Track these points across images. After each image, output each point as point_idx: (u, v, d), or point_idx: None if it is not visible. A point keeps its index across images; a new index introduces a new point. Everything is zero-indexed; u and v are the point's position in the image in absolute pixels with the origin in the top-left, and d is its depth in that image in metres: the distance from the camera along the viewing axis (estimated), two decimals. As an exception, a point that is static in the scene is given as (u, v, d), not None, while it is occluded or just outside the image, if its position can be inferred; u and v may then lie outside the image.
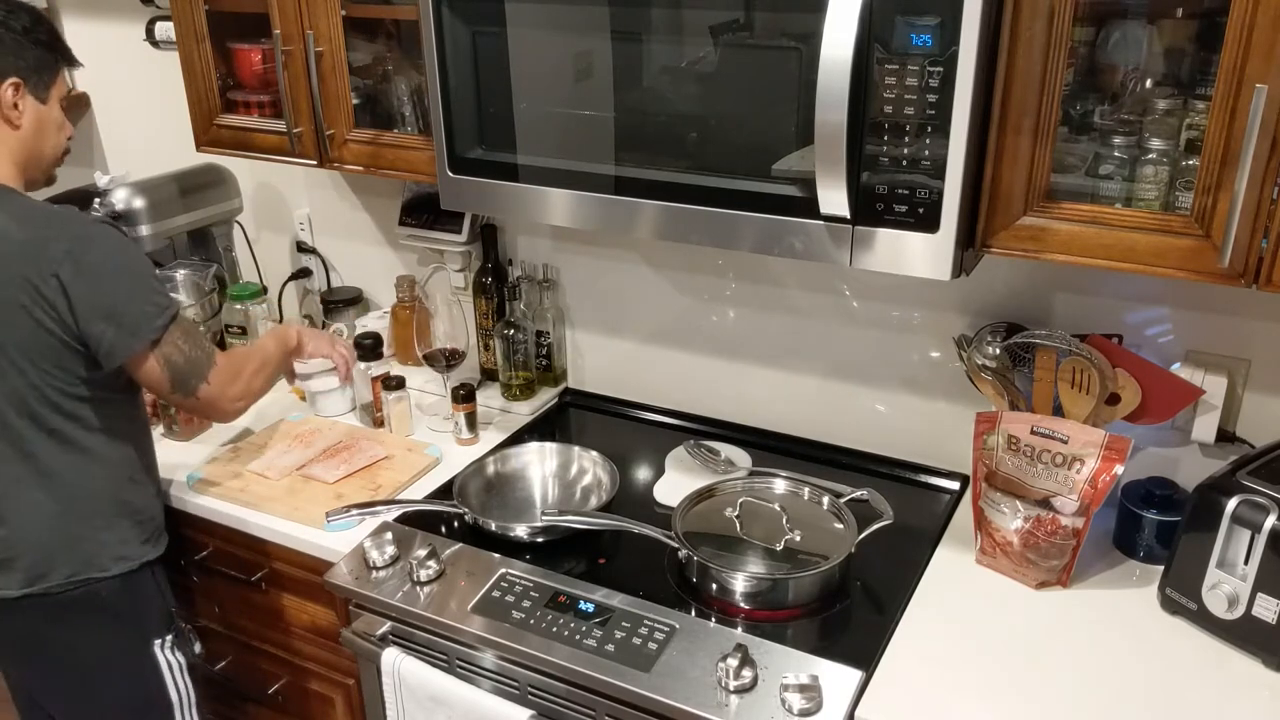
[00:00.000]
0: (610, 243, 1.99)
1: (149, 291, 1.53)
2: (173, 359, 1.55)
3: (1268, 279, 1.18)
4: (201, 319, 2.14)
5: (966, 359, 1.59)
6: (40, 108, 1.55)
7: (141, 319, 1.51)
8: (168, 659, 1.68)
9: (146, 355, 1.52)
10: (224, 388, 1.62)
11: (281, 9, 1.72)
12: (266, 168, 2.33)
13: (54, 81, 1.57)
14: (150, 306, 1.52)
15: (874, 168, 1.27)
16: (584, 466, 1.81)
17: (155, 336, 1.52)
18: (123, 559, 1.61)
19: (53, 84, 1.56)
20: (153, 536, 1.67)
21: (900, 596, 1.49)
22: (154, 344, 1.52)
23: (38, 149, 1.57)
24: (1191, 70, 1.29)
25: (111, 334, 1.49)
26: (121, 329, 1.49)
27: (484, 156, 1.56)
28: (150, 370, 1.54)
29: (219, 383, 1.61)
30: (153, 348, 1.52)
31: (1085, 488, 1.42)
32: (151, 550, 1.66)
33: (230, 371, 1.64)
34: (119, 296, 1.49)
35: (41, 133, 1.56)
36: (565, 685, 1.42)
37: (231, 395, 1.64)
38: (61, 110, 1.59)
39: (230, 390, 1.64)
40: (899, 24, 1.19)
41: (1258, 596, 1.32)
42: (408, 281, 2.16)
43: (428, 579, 1.55)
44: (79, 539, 1.58)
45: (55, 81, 1.57)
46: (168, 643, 1.68)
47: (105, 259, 1.49)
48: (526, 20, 1.44)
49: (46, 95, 1.56)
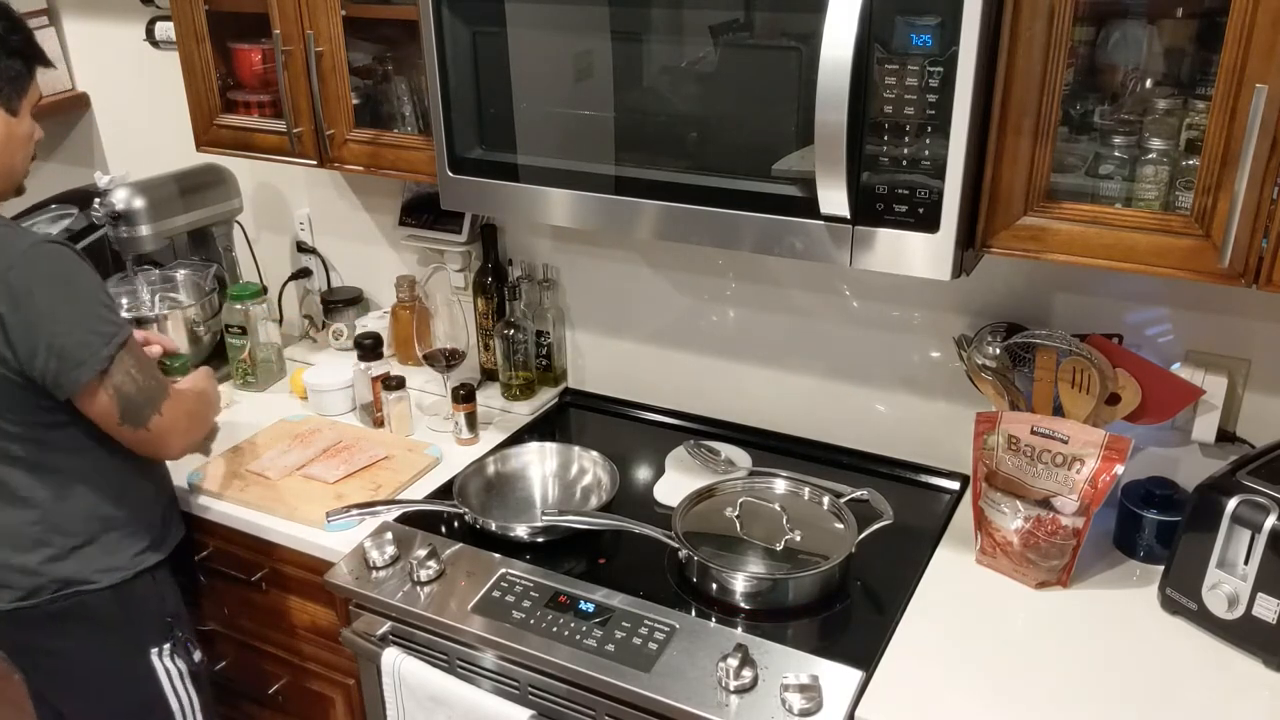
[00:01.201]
0: (610, 243, 1.99)
1: (92, 319, 1.43)
2: (124, 389, 1.46)
3: (1268, 279, 1.18)
4: (201, 319, 2.14)
5: (966, 359, 1.59)
6: (10, 121, 1.47)
7: (83, 349, 1.41)
8: (166, 666, 1.65)
9: (95, 387, 1.44)
10: (176, 420, 1.55)
11: (281, 9, 1.72)
12: (266, 168, 2.33)
13: (25, 91, 1.49)
14: (93, 335, 1.42)
15: (874, 168, 1.27)
16: (584, 466, 1.81)
17: (103, 366, 1.43)
18: (112, 570, 1.57)
19: (24, 94, 1.48)
20: (151, 544, 1.63)
21: (900, 596, 1.49)
22: (103, 374, 1.43)
23: (7, 164, 1.49)
24: (1191, 70, 1.29)
25: (55, 367, 1.40)
26: (65, 361, 1.40)
27: (484, 156, 1.56)
28: (99, 402, 1.45)
29: (172, 414, 1.53)
30: (102, 378, 1.43)
31: (1085, 488, 1.42)
32: (150, 556, 1.62)
33: (182, 403, 1.57)
34: (58, 327, 1.40)
35: (10, 147, 1.48)
36: (565, 685, 1.42)
37: (183, 429, 1.58)
38: (31, 118, 1.52)
39: (182, 424, 1.57)
40: (899, 24, 1.19)
41: (1258, 596, 1.32)
42: (408, 281, 2.16)
43: (428, 579, 1.55)
44: (61, 556, 1.54)
45: (27, 91, 1.49)
46: (165, 651, 1.65)
47: (39, 286, 1.39)
48: (526, 20, 1.44)
49: (17, 107, 1.47)
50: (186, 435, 1.61)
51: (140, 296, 2.20)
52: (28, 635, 1.59)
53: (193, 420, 1.64)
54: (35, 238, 1.44)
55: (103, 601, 1.57)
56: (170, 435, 1.55)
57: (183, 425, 1.58)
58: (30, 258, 1.40)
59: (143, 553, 1.61)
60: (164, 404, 1.52)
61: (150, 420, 1.51)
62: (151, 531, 1.64)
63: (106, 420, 1.48)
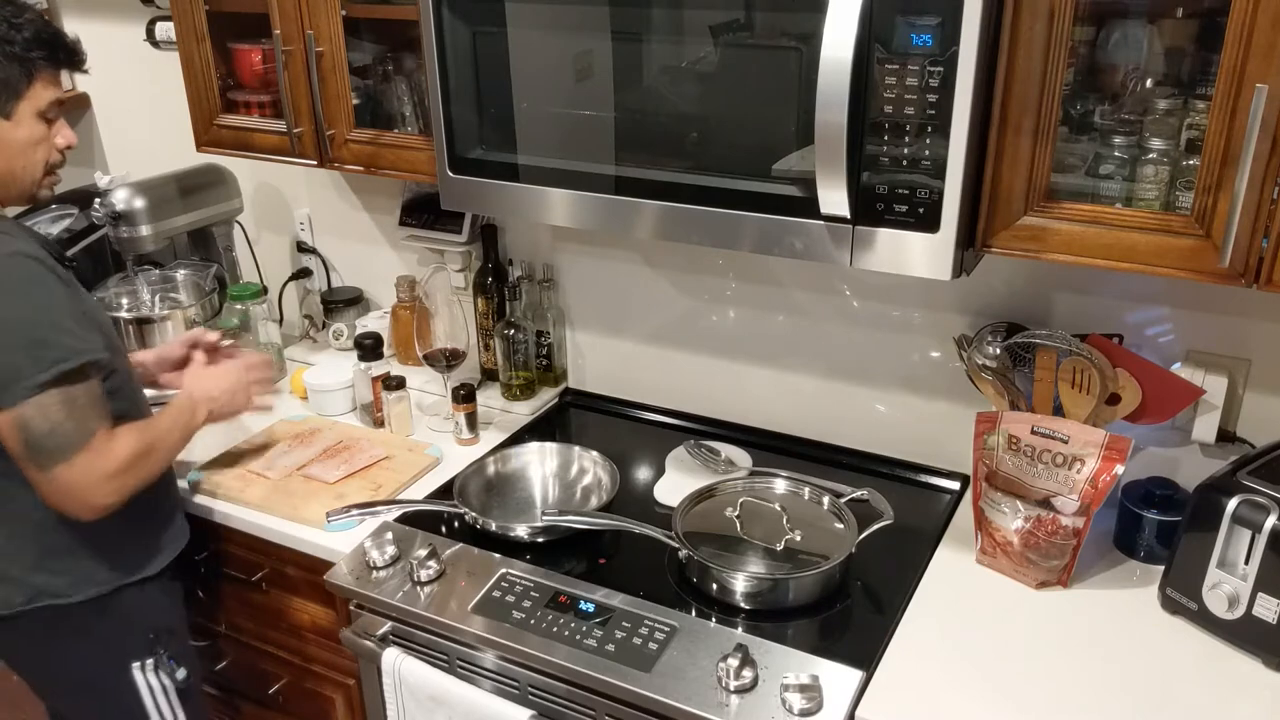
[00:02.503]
0: (610, 243, 1.99)
1: (31, 341, 1.34)
2: (32, 425, 1.34)
3: (1268, 279, 1.18)
4: (201, 319, 2.14)
5: (967, 359, 1.59)
6: (3, 124, 1.41)
7: (8, 370, 1.33)
8: (149, 682, 1.60)
9: (6, 414, 1.34)
10: (88, 478, 1.39)
11: (281, 9, 1.72)
12: (267, 168, 2.33)
13: (24, 94, 1.42)
14: (27, 358, 1.33)
15: (874, 168, 1.27)
16: (584, 466, 1.81)
17: (26, 395, 1.33)
18: (88, 584, 1.51)
19: (20, 98, 1.42)
20: (137, 560, 1.56)
21: (900, 596, 1.49)
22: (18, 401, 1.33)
23: (4, 168, 1.44)
24: (1192, 70, 1.29)
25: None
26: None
27: (484, 156, 1.56)
28: (4, 430, 1.35)
29: (84, 469, 1.38)
30: (12, 405, 1.33)
31: (1085, 488, 1.42)
32: (136, 572, 1.55)
33: (106, 461, 1.41)
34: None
35: (7, 152, 1.43)
36: (565, 685, 1.42)
37: (99, 491, 1.41)
38: (45, 124, 1.46)
39: (99, 486, 1.41)
40: (899, 24, 1.19)
41: (1258, 596, 1.32)
42: (408, 281, 2.16)
43: (428, 579, 1.55)
44: (30, 569, 1.48)
45: (26, 95, 1.43)
46: (149, 665, 1.60)
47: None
48: (527, 20, 1.44)
49: (11, 109, 1.42)
50: (97, 497, 1.42)
51: (140, 296, 2.20)
52: (8, 643, 1.56)
53: (112, 482, 1.43)
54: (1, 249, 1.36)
55: (79, 615, 1.51)
56: (77, 491, 1.40)
57: (96, 487, 1.41)
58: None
59: (126, 568, 1.55)
60: (78, 456, 1.37)
61: (53, 468, 1.37)
62: (139, 548, 1.57)
63: (13, 451, 1.37)
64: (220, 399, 1.68)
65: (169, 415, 1.58)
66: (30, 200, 1.52)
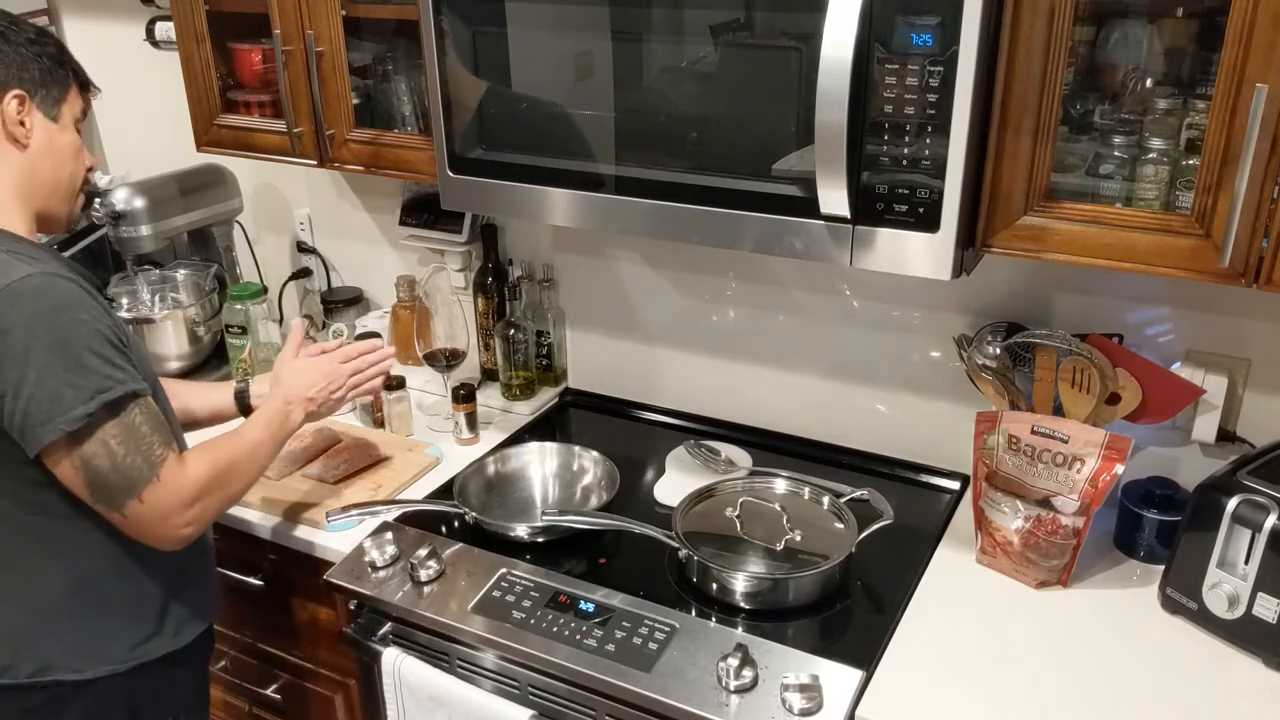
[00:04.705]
0: (611, 242, 1.99)
1: (74, 369, 1.20)
2: (94, 463, 1.22)
3: (1268, 278, 1.18)
4: (201, 319, 2.14)
5: (967, 359, 1.59)
6: (51, 126, 1.34)
7: (54, 402, 1.19)
8: None
9: (62, 452, 1.21)
10: (166, 510, 1.27)
11: (281, 9, 1.72)
12: (267, 168, 2.33)
13: (65, 99, 1.36)
14: (70, 389, 1.19)
15: (874, 167, 1.27)
16: (584, 466, 1.81)
17: (72, 428, 1.20)
18: (102, 660, 1.33)
19: (63, 101, 1.36)
20: (159, 631, 1.38)
21: (900, 596, 1.49)
22: (73, 437, 1.21)
23: (52, 174, 1.34)
24: (1192, 70, 1.29)
25: (19, 421, 1.20)
26: (30, 416, 1.19)
27: (484, 156, 1.56)
28: (64, 472, 1.23)
29: (157, 502, 1.26)
30: (71, 443, 1.21)
31: (1086, 487, 1.42)
32: (157, 647, 1.37)
33: (180, 487, 1.29)
34: (28, 372, 1.19)
35: (55, 155, 1.34)
36: (566, 685, 1.42)
37: (177, 521, 1.29)
38: (79, 135, 1.39)
39: (175, 515, 1.28)
40: (899, 24, 1.19)
41: (1258, 596, 1.32)
42: (408, 281, 2.16)
43: (428, 579, 1.55)
44: (39, 636, 1.31)
45: (67, 99, 1.36)
46: None
47: (20, 324, 1.19)
48: (527, 20, 1.44)
49: (58, 113, 1.35)
50: (173, 529, 1.30)
51: (140, 296, 2.20)
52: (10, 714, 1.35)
53: (188, 511, 1.31)
54: (25, 271, 1.22)
55: (88, 696, 1.33)
56: (155, 526, 1.28)
57: (176, 516, 1.29)
58: (11, 294, 1.20)
59: (146, 642, 1.37)
60: (146, 490, 1.25)
61: (125, 506, 1.25)
62: (162, 617, 1.39)
63: (79, 493, 1.25)
64: (318, 397, 1.56)
65: (257, 426, 1.46)
66: (70, 221, 1.43)
